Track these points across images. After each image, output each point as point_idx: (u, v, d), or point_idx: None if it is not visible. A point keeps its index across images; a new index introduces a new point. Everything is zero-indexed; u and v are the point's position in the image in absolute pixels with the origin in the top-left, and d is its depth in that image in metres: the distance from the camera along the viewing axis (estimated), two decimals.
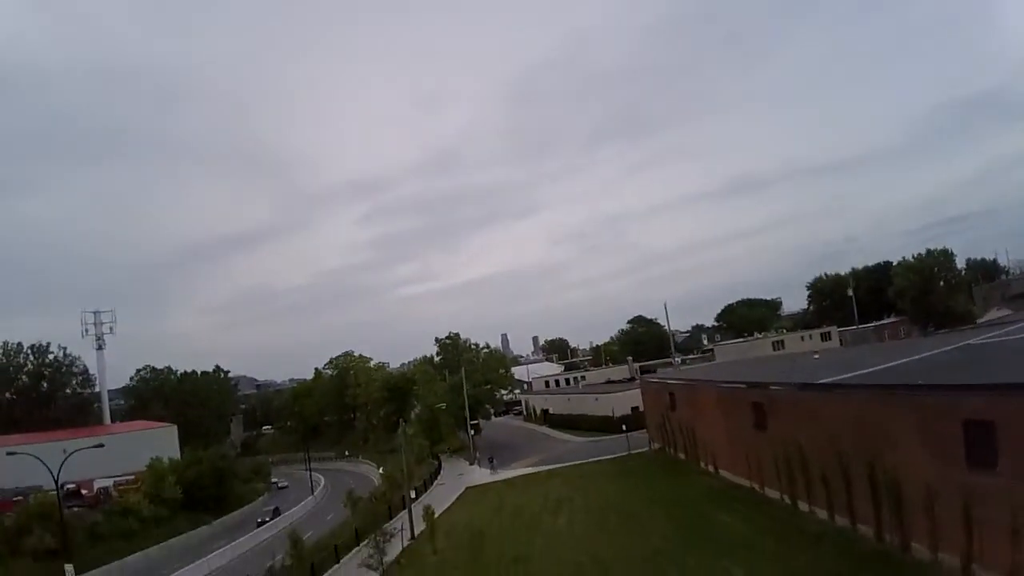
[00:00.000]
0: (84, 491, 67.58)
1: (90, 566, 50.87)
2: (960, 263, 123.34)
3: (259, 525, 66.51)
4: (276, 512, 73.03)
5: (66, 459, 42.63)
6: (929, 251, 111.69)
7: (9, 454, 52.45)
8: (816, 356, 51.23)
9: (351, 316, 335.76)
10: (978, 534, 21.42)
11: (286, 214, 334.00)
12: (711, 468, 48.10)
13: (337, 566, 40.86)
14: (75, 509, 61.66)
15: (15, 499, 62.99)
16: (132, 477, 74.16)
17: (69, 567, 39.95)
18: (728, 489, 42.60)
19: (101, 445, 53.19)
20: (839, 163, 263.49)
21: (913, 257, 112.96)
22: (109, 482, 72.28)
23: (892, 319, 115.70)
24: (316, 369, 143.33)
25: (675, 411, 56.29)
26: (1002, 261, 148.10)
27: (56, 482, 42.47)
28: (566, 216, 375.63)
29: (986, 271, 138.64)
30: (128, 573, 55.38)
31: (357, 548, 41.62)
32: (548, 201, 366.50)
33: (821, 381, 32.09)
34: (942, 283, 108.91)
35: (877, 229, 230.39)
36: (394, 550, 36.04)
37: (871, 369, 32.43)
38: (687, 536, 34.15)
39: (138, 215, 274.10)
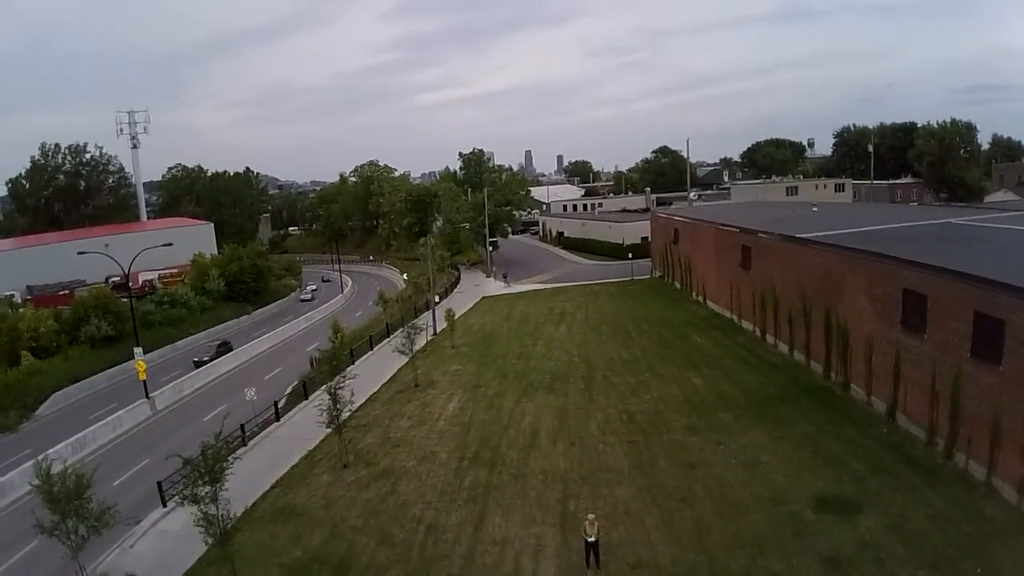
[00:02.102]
0: (130, 283, 72.74)
1: (147, 349, 53.14)
2: (986, 136, 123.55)
3: (197, 366, 52.96)
4: (224, 348, 58.12)
5: (138, 255, 47.60)
6: (953, 121, 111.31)
7: (80, 253, 57.04)
8: (814, 208, 54.41)
9: (371, 121, 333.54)
10: (903, 388, 25.52)
11: (305, 2, 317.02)
12: (700, 298, 53.95)
13: (371, 352, 48.41)
14: (124, 299, 66.32)
15: (61, 293, 68.44)
16: (175, 270, 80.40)
17: (138, 349, 44.84)
18: (711, 317, 48.59)
19: (170, 244, 57.23)
20: (895, 3, 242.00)
21: (937, 124, 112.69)
22: (153, 275, 77.67)
23: (908, 180, 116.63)
24: (341, 175, 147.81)
25: (677, 244, 61.13)
26: None
27: (127, 275, 48.30)
28: (603, 27, 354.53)
29: (1009, 150, 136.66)
30: (181, 354, 61.47)
31: (387, 339, 48.84)
32: (586, 5, 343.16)
33: (798, 235, 36.02)
34: (962, 152, 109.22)
35: (917, 81, 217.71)
36: (419, 343, 42.69)
37: (850, 230, 35.95)
38: (664, 350, 40.49)
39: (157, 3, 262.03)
